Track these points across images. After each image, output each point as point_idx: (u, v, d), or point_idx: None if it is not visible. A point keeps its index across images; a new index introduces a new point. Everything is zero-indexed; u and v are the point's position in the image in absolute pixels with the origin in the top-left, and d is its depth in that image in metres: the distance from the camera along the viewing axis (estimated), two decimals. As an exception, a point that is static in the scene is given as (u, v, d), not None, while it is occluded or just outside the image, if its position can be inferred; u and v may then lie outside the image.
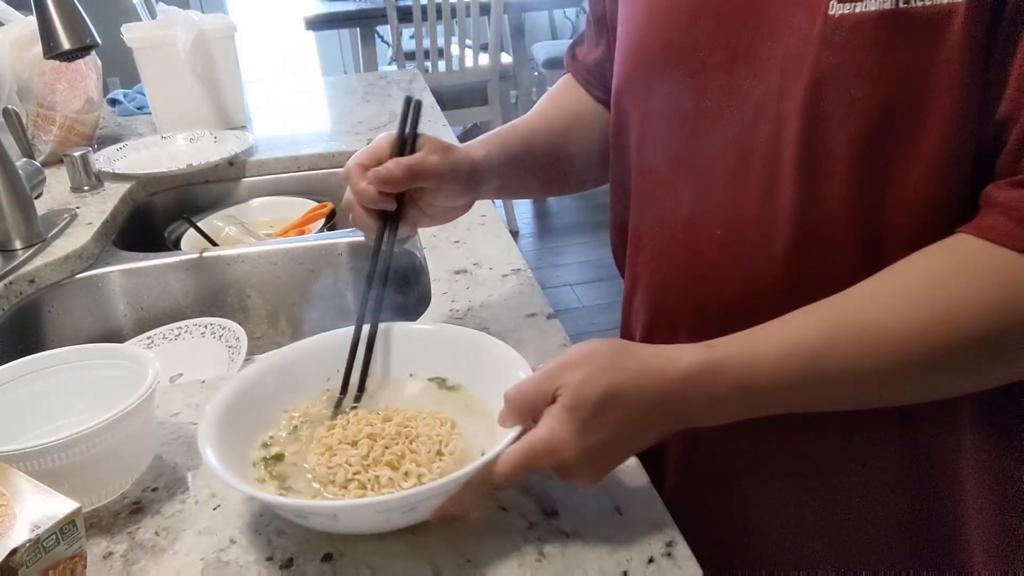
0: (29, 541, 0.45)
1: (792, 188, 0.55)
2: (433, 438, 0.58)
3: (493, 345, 0.64)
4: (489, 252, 0.96)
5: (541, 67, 3.87)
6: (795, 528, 0.66)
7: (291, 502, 0.53)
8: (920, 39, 0.49)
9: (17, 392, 0.65)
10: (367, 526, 0.54)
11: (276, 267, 1.10)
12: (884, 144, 0.52)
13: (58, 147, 1.37)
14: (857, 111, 0.52)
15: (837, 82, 0.52)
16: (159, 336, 1.05)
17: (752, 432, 0.65)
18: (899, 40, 0.49)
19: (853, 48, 0.50)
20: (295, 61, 4.86)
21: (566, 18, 4.83)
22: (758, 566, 0.68)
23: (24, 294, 1.00)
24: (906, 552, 0.63)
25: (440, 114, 1.59)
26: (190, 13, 1.47)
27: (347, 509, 0.51)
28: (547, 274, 3.08)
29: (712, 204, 0.61)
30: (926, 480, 0.62)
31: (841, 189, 0.54)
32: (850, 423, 0.61)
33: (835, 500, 0.64)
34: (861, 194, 0.54)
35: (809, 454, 0.64)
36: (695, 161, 0.61)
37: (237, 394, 0.61)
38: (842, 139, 0.53)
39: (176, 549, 0.55)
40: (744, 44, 0.56)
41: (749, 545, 0.69)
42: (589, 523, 0.55)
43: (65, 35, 0.95)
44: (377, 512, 0.51)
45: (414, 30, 3.25)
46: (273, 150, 1.43)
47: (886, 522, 0.63)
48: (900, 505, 0.63)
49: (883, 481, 0.62)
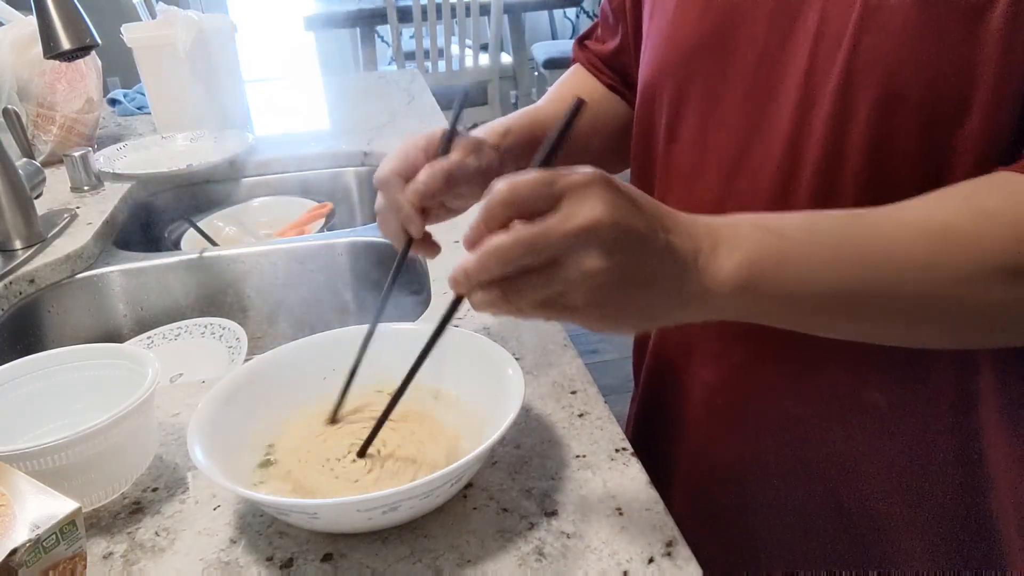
0: (29, 541, 0.45)
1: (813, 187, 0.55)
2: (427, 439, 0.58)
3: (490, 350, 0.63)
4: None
5: (541, 67, 3.87)
6: (802, 526, 0.66)
7: (272, 499, 0.54)
8: (959, 26, 0.48)
9: (17, 392, 0.65)
10: (348, 525, 0.54)
11: (276, 267, 1.10)
12: (935, 128, 0.51)
13: (58, 147, 1.37)
14: (900, 94, 0.51)
15: (875, 67, 0.51)
16: (159, 336, 1.05)
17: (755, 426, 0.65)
18: (937, 25, 0.49)
19: (891, 31, 0.50)
20: (295, 61, 4.85)
21: (566, 18, 4.83)
22: (762, 566, 0.68)
23: (24, 294, 1.00)
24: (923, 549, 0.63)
25: (440, 114, 1.59)
26: (190, 13, 1.47)
27: (328, 507, 0.52)
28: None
29: (746, 199, 0.60)
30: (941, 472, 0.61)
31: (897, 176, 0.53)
32: (856, 414, 0.61)
33: (844, 496, 0.64)
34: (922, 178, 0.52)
35: (815, 448, 0.63)
36: (732, 153, 0.60)
37: (231, 392, 0.61)
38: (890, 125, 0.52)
39: (176, 549, 0.55)
40: (784, 27, 0.56)
41: (752, 545, 0.69)
42: (589, 523, 0.55)
43: (65, 35, 0.95)
44: (358, 511, 0.51)
45: (414, 30, 3.25)
46: (273, 150, 1.43)
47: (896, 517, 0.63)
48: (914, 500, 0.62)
49: (895, 475, 0.62)
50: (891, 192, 0.51)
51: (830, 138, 0.54)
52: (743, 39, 0.58)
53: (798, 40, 0.55)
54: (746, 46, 0.58)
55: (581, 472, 0.59)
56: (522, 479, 0.59)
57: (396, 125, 1.53)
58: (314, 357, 0.67)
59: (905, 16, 0.49)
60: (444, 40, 3.29)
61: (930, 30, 0.49)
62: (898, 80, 0.51)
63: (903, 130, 0.52)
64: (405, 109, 1.65)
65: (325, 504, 0.51)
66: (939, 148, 0.52)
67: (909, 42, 0.50)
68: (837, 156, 0.54)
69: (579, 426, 0.64)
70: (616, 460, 0.60)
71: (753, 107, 0.59)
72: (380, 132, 1.49)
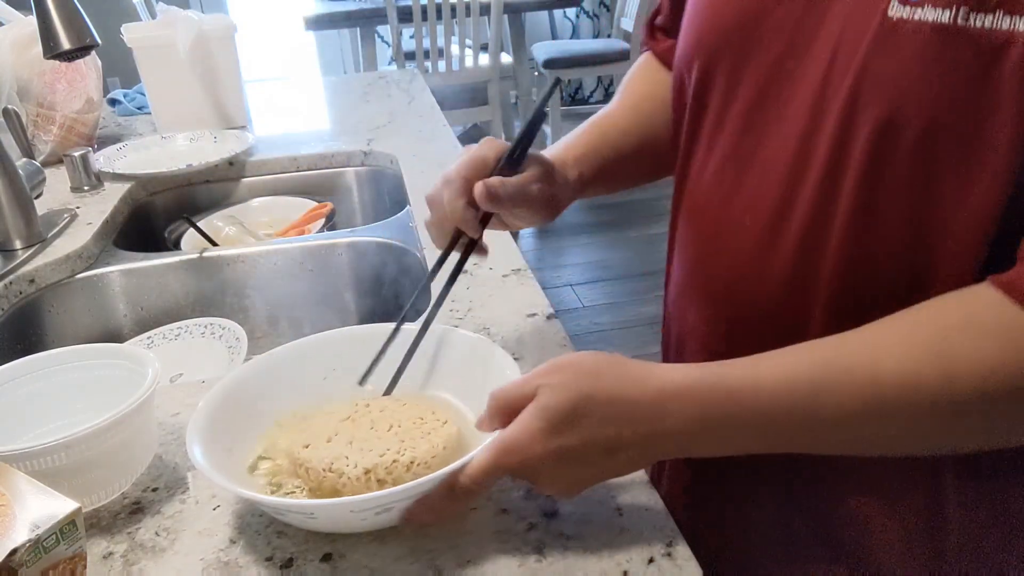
0: (29, 541, 0.45)
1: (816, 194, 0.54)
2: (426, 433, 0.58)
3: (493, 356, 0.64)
4: (489, 252, 0.96)
5: (541, 67, 3.87)
6: (797, 531, 0.66)
7: (270, 500, 0.54)
8: (973, 61, 0.46)
9: (17, 392, 0.65)
10: (344, 525, 0.55)
11: (276, 267, 1.10)
12: (932, 162, 0.49)
13: (58, 147, 1.37)
14: (900, 121, 0.49)
15: (879, 88, 0.50)
16: (159, 336, 1.05)
17: None
18: (950, 57, 0.46)
19: (903, 55, 0.48)
20: (295, 61, 4.86)
21: (566, 18, 4.83)
22: (760, 567, 0.68)
23: (24, 294, 1.00)
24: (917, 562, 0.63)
25: (440, 114, 1.59)
26: (190, 13, 1.47)
27: (324, 508, 0.52)
28: (548, 274, 3.08)
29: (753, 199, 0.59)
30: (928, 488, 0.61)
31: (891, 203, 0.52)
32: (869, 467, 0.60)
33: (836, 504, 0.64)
34: (911, 210, 0.51)
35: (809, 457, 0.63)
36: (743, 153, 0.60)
37: (231, 391, 0.62)
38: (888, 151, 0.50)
39: (176, 549, 0.55)
40: (807, 31, 0.54)
41: (751, 546, 0.69)
42: (589, 524, 0.55)
43: (65, 35, 0.95)
44: (352, 512, 0.52)
45: (414, 30, 3.25)
46: (273, 150, 1.43)
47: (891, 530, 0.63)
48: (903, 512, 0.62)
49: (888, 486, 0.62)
50: (879, 223, 0.51)
51: (833, 151, 0.53)
52: (768, 36, 0.57)
53: (820, 45, 0.54)
54: (768, 47, 0.57)
55: (581, 472, 0.59)
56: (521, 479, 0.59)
57: (396, 125, 1.53)
58: (314, 357, 0.67)
59: (920, 42, 0.47)
60: (444, 40, 3.29)
61: (941, 61, 0.47)
62: (900, 106, 0.49)
63: (899, 159, 0.50)
64: (405, 109, 1.65)
65: (321, 504, 0.52)
66: (934, 188, 0.50)
67: (917, 69, 0.48)
68: (837, 172, 0.53)
69: (579, 426, 0.64)
70: (616, 460, 0.60)
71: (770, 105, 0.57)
72: (380, 132, 1.49)
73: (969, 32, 0.45)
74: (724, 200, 0.62)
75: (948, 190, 0.49)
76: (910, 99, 0.48)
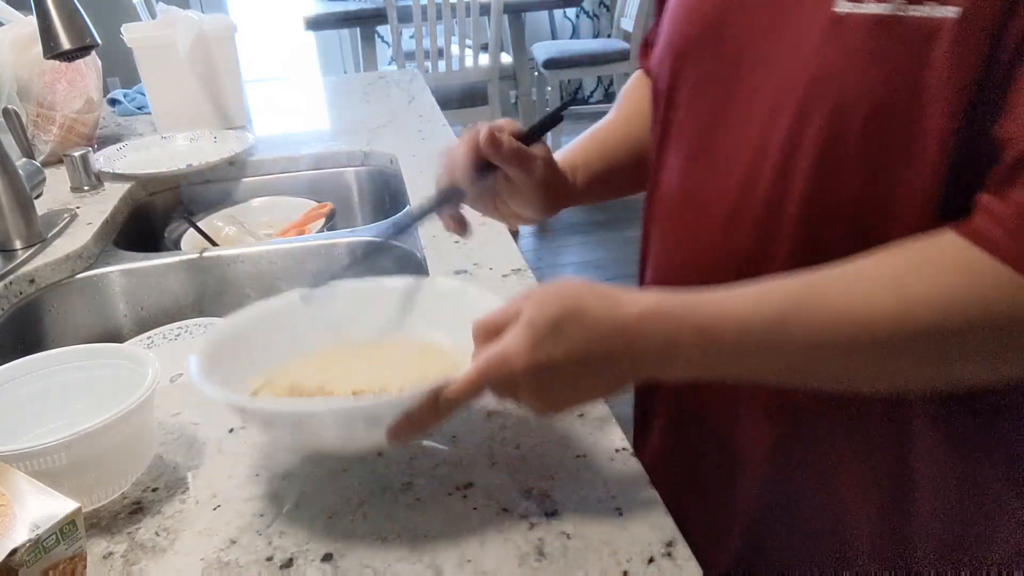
0: (29, 541, 0.45)
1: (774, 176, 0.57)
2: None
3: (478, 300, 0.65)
4: (489, 252, 0.96)
5: (541, 67, 3.87)
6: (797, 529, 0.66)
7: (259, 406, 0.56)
8: (910, 48, 0.50)
9: (17, 392, 0.65)
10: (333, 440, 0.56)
11: (276, 267, 1.10)
12: (879, 143, 0.53)
13: (58, 147, 1.37)
14: (851, 109, 0.53)
15: (835, 78, 0.53)
16: (159, 336, 1.05)
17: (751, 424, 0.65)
18: (891, 45, 0.51)
19: (850, 48, 0.52)
20: (295, 61, 4.86)
21: (566, 18, 4.83)
22: (761, 567, 0.68)
23: (24, 294, 1.00)
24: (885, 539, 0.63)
25: (440, 114, 1.59)
26: (190, 13, 1.47)
27: (308, 415, 0.53)
28: (547, 274, 3.08)
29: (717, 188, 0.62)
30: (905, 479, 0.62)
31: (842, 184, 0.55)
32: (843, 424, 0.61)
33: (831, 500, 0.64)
34: (864, 191, 0.54)
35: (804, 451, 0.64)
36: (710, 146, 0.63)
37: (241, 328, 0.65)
38: (839, 135, 0.54)
39: (176, 549, 0.55)
40: (765, 30, 0.57)
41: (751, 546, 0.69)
42: (589, 523, 0.55)
43: (65, 35, 0.95)
44: (337, 422, 0.53)
45: (414, 30, 3.25)
46: (273, 150, 1.43)
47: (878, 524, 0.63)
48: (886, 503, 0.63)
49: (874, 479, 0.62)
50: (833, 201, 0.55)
51: (791, 135, 0.56)
52: (731, 36, 0.60)
53: (777, 42, 0.57)
54: (732, 41, 0.60)
55: (581, 472, 0.59)
56: (522, 479, 0.59)
57: (396, 125, 1.53)
58: (328, 305, 0.68)
59: (862, 34, 0.51)
60: (444, 40, 3.28)
61: (881, 50, 0.51)
62: (849, 92, 0.52)
63: (849, 147, 0.54)
64: (405, 109, 1.65)
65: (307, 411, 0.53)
66: (884, 175, 0.53)
67: (861, 61, 0.52)
68: (794, 153, 0.56)
69: (579, 426, 0.64)
70: (616, 460, 0.60)
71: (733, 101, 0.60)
72: (380, 132, 1.49)
73: (905, 21, 0.50)
74: (690, 193, 0.65)
75: (895, 166, 0.53)
76: (857, 84, 0.52)
